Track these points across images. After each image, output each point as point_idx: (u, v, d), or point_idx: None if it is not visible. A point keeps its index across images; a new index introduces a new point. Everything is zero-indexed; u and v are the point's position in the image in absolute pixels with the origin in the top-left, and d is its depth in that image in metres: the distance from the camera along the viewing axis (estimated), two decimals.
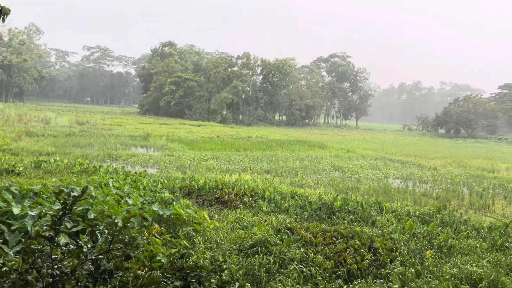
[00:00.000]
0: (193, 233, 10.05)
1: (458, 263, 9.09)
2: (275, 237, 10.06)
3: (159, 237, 9.02)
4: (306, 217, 13.22)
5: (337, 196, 15.42)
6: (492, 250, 10.42)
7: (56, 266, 3.87)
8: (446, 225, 12.73)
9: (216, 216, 12.89)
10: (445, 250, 10.22)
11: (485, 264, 9.09)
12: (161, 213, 9.67)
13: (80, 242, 4.17)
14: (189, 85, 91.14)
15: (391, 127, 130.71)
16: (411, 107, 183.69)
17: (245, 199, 14.61)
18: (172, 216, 9.83)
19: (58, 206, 4.04)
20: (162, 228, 9.01)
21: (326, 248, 9.69)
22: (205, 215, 11.18)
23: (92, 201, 8.37)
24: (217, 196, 15.05)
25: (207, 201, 14.74)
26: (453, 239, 11.00)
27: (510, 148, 64.56)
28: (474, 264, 8.99)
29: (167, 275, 4.50)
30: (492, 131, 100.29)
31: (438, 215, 13.50)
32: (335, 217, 13.04)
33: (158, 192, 13.88)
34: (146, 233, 4.76)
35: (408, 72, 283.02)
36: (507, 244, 10.83)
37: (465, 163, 35.43)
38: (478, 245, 10.62)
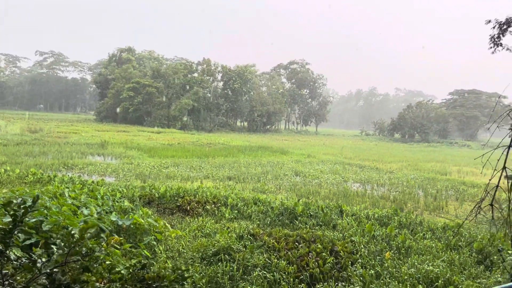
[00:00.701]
0: (154, 243, 9.83)
1: (416, 263, 9.40)
2: (238, 244, 10.02)
3: (118, 247, 8.76)
4: (268, 222, 13.27)
5: (298, 200, 15.59)
6: (446, 249, 10.86)
7: (7, 282, 3.66)
8: (404, 226, 13.17)
9: (178, 224, 12.69)
10: (403, 251, 10.56)
11: (440, 263, 9.46)
12: (120, 223, 9.37)
13: (34, 256, 3.96)
14: (148, 91, 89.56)
15: (349, 132, 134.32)
16: (368, 113, 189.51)
17: (207, 207, 14.47)
18: (132, 226, 9.55)
19: (8, 219, 3.82)
20: (122, 238, 8.75)
21: (289, 253, 9.75)
22: (166, 224, 10.97)
23: (46, 212, 8.00)
24: (178, 204, 14.82)
25: (168, 210, 14.47)
26: (410, 240, 11.39)
27: (461, 151, 67.88)
28: (430, 264, 9.34)
29: (128, 286, 4.36)
30: (444, 135, 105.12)
31: (395, 217, 13.94)
32: (297, 222, 13.17)
33: (117, 202, 13.48)
34: (105, 244, 4.60)
35: (365, 79, 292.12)
36: (460, 244, 11.33)
37: (420, 166, 36.88)
38: (433, 245, 11.05)
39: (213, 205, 14.74)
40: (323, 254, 9.62)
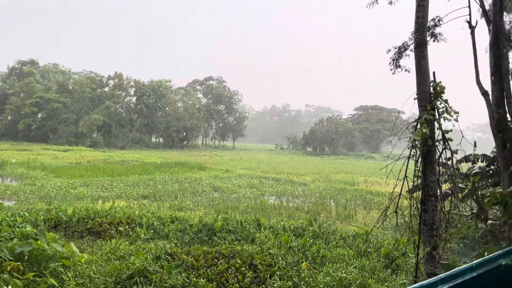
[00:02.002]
0: (62, 269, 9.06)
1: (330, 271, 9.81)
2: (155, 265, 9.64)
3: (20, 276, 7.91)
4: (187, 240, 12.97)
5: (217, 216, 15.50)
6: (357, 256, 11.51)
7: None
8: (318, 236, 13.71)
9: (89, 248, 11.87)
10: (318, 260, 10.96)
11: (352, 270, 9.98)
12: (19, 250, 8.52)
13: None
14: (54, 106, 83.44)
15: (265, 147, 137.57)
16: (282, 128, 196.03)
17: (120, 228, 13.75)
18: (35, 252, 8.73)
19: None
20: (19, 264, 7.94)
21: (208, 270, 9.60)
22: (75, 248, 10.20)
23: None
24: (88, 226, 13.89)
25: (77, 233, 13.50)
26: (325, 249, 11.88)
27: (367, 163, 72.96)
28: (343, 271, 9.80)
29: None
30: (351, 148, 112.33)
31: (310, 228, 14.47)
32: (216, 238, 13.05)
33: (18, 227, 12.24)
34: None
35: (279, 95, 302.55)
36: (369, 250, 12.08)
37: (331, 178, 38.89)
38: (346, 253, 11.64)
39: (127, 226, 14.05)
40: (243, 269, 9.63)
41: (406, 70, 13.65)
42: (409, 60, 13.81)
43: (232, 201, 22.91)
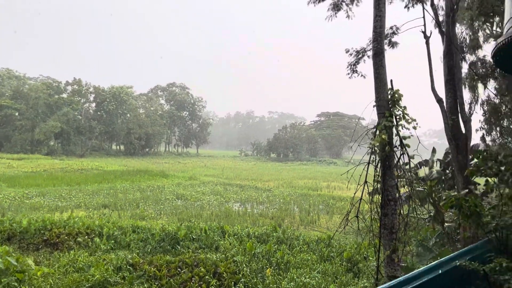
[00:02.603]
0: (16, 284, 8.61)
1: (294, 277, 9.86)
2: (116, 276, 9.35)
3: None
4: (149, 250, 12.69)
5: (180, 225, 15.27)
6: (321, 261, 11.64)
7: None
8: (282, 242, 13.77)
9: (45, 261, 11.38)
10: (283, 266, 11.00)
11: (316, 274, 10.08)
12: None
13: None
14: (7, 113, 79.74)
15: (229, 153, 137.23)
16: (246, 134, 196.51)
17: (79, 239, 13.27)
18: None
19: None
20: None
21: (171, 280, 9.41)
22: (30, 261, 9.73)
23: None
24: (45, 238, 13.32)
25: (33, 245, 12.91)
26: (289, 255, 11.94)
27: (329, 168, 74.26)
28: (307, 276, 9.88)
29: None
30: (314, 153, 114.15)
31: (274, 234, 14.52)
32: (179, 247, 12.85)
33: None
34: None
35: (243, 102, 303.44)
36: (332, 254, 12.25)
37: (294, 184, 39.28)
38: (309, 258, 11.75)
39: (86, 236, 13.58)
40: (207, 277, 9.51)
41: (362, 75, 14.05)
42: (365, 66, 14.23)
43: (196, 209, 22.65)
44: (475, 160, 5.07)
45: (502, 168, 5.02)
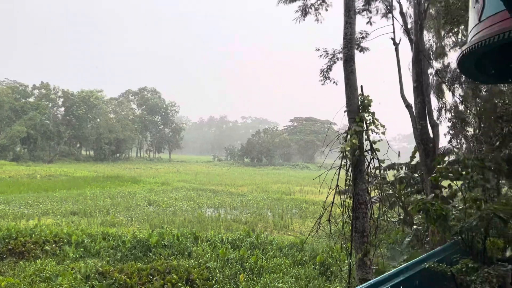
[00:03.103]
0: None
1: (268, 282, 9.85)
2: (85, 285, 9.10)
3: None
4: (120, 257, 12.41)
5: (152, 231, 15.02)
6: (294, 265, 11.69)
7: None
8: (256, 247, 13.74)
9: (10, 270, 10.97)
10: (256, 272, 10.97)
11: (289, 279, 10.11)
12: None
13: None
14: None
15: (203, 158, 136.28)
16: (220, 139, 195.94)
17: (47, 247, 12.85)
18: None
19: None
20: None
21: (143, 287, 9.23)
22: None
23: None
24: (10, 247, 12.84)
25: None
26: (262, 260, 11.92)
27: (302, 173, 74.89)
28: (280, 281, 9.90)
29: None
30: (287, 158, 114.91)
31: (248, 239, 14.49)
32: (151, 254, 12.62)
33: None
34: None
35: (216, 107, 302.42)
36: (305, 259, 12.32)
37: (268, 188, 39.37)
38: (282, 262, 11.77)
39: (54, 245, 13.17)
40: (179, 284, 9.38)
41: (334, 82, 14.29)
42: (337, 72, 14.48)
43: (168, 215, 22.34)
44: (438, 165, 5.23)
45: (464, 172, 5.19)
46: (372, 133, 7.30)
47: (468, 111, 14.76)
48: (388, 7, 14.18)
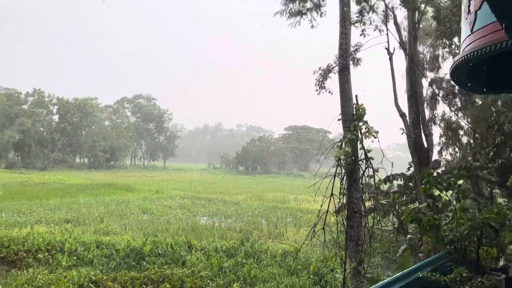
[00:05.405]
0: None
1: None
2: None
3: None
4: (113, 266, 12.32)
5: (146, 240, 14.93)
6: (288, 274, 11.65)
7: None
8: (250, 256, 13.70)
9: (2, 279, 10.82)
10: (250, 281, 10.92)
11: None
12: None
13: None
14: None
15: (198, 166, 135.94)
16: (215, 147, 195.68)
17: (39, 255, 12.74)
18: None
19: None
20: None
21: None
22: None
23: None
24: (2, 255, 12.73)
25: None
26: (256, 269, 11.88)
27: (296, 181, 74.89)
28: None
29: None
30: (282, 166, 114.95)
31: (242, 248, 14.44)
32: (145, 263, 12.55)
33: None
34: None
35: (211, 115, 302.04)
36: (299, 267, 12.28)
37: (262, 197, 39.29)
38: (276, 271, 11.73)
39: (46, 253, 13.06)
40: None
41: (329, 92, 14.37)
42: (332, 82, 14.55)
43: (162, 223, 22.22)
44: (427, 177, 5.25)
45: (451, 182, 5.22)
46: (366, 139, 7.34)
47: (462, 121, 14.90)
48: (382, 19, 14.33)
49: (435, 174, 5.62)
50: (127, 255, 13.09)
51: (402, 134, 13.63)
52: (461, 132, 15.13)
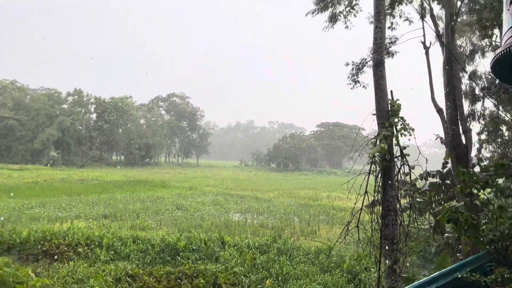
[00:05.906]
0: None
1: None
2: None
3: None
4: (149, 261, 12.62)
5: (180, 235, 15.20)
6: (321, 272, 11.57)
7: None
8: (282, 253, 13.69)
9: (45, 272, 11.32)
10: (282, 278, 10.92)
11: (316, 286, 10.01)
12: None
13: None
14: (8, 124, 79.86)
15: (230, 163, 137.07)
16: (247, 144, 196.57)
17: (79, 249, 13.22)
18: None
19: None
20: None
21: None
22: (30, 272, 9.68)
23: None
24: (45, 249, 13.28)
25: (32, 256, 12.87)
26: (289, 266, 11.86)
27: (329, 178, 74.14)
28: None
29: None
30: (314, 164, 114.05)
31: (274, 245, 14.45)
32: (179, 258, 12.78)
33: None
34: None
35: (243, 112, 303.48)
36: (332, 265, 12.18)
37: (294, 194, 39.17)
38: (309, 269, 11.68)
39: (86, 247, 13.53)
40: None
41: (363, 86, 14.12)
42: (365, 76, 14.28)
43: (196, 219, 22.57)
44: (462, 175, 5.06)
45: (489, 180, 5.02)
46: (402, 136, 7.16)
47: (506, 116, 14.29)
48: (419, 11, 13.92)
49: (471, 172, 5.42)
50: (162, 250, 13.38)
51: (436, 139, 13.28)
52: (504, 128, 14.51)
